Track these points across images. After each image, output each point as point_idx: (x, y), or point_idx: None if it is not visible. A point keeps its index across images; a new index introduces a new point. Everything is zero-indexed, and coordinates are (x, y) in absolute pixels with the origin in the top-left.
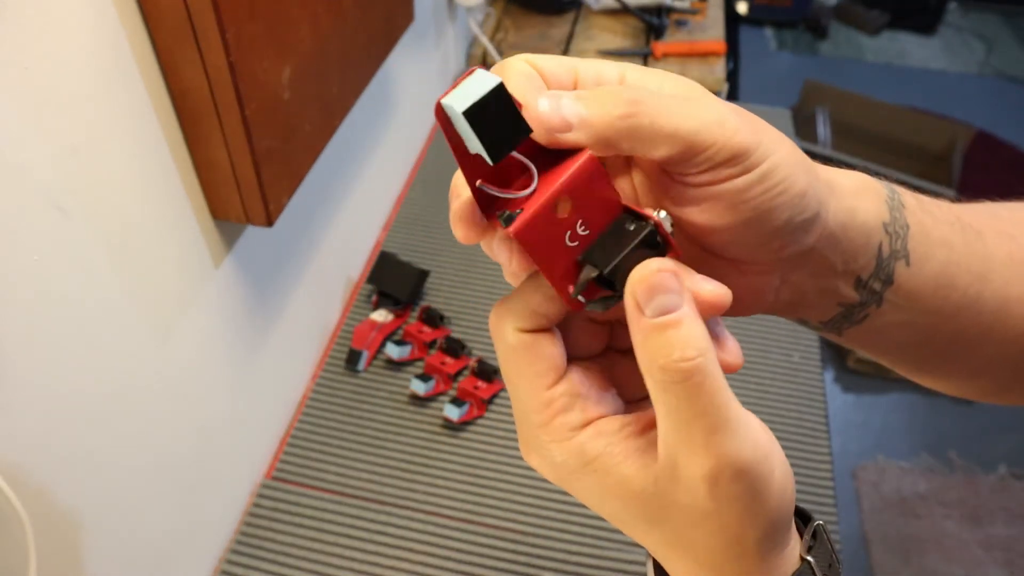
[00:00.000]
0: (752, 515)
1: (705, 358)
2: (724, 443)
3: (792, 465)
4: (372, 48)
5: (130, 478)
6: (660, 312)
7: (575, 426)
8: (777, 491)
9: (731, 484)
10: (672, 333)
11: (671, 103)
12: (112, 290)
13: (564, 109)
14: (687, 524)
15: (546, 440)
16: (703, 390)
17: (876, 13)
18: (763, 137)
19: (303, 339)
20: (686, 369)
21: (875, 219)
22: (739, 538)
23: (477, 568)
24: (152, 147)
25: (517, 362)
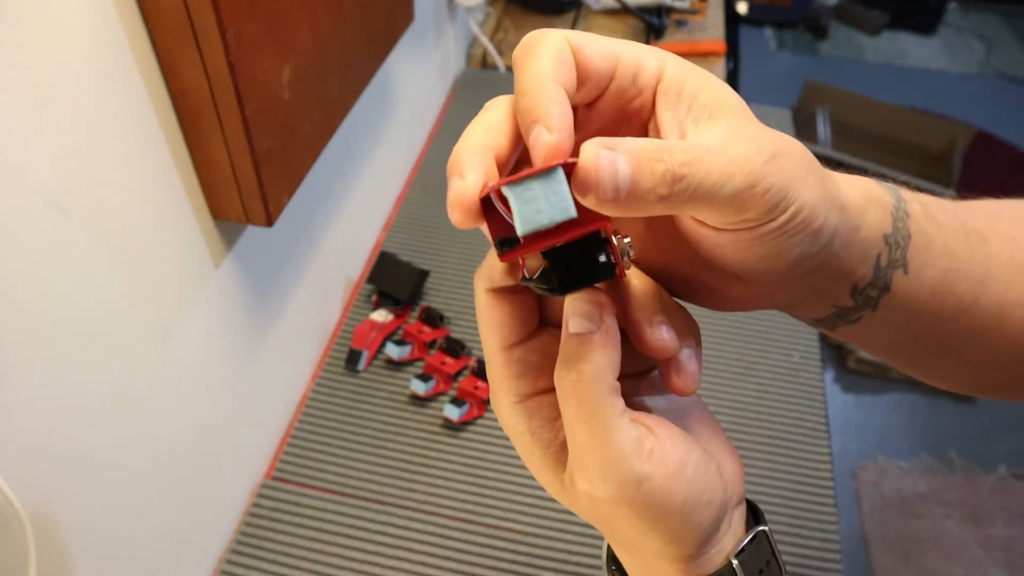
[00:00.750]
0: (644, 531)
1: (589, 384)
2: (599, 472)
3: (792, 465)
4: (372, 48)
5: (130, 478)
6: (576, 330)
7: (521, 394)
8: (677, 513)
9: (610, 507)
10: (576, 351)
11: (711, 166)
12: (112, 290)
13: (620, 175)
14: (591, 520)
15: (500, 397)
16: (584, 413)
17: (876, 13)
18: (791, 185)
19: (303, 339)
20: (570, 387)
21: (876, 233)
22: (635, 545)
23: (477, 568)
24: (152, 147)
25: (481, 316)
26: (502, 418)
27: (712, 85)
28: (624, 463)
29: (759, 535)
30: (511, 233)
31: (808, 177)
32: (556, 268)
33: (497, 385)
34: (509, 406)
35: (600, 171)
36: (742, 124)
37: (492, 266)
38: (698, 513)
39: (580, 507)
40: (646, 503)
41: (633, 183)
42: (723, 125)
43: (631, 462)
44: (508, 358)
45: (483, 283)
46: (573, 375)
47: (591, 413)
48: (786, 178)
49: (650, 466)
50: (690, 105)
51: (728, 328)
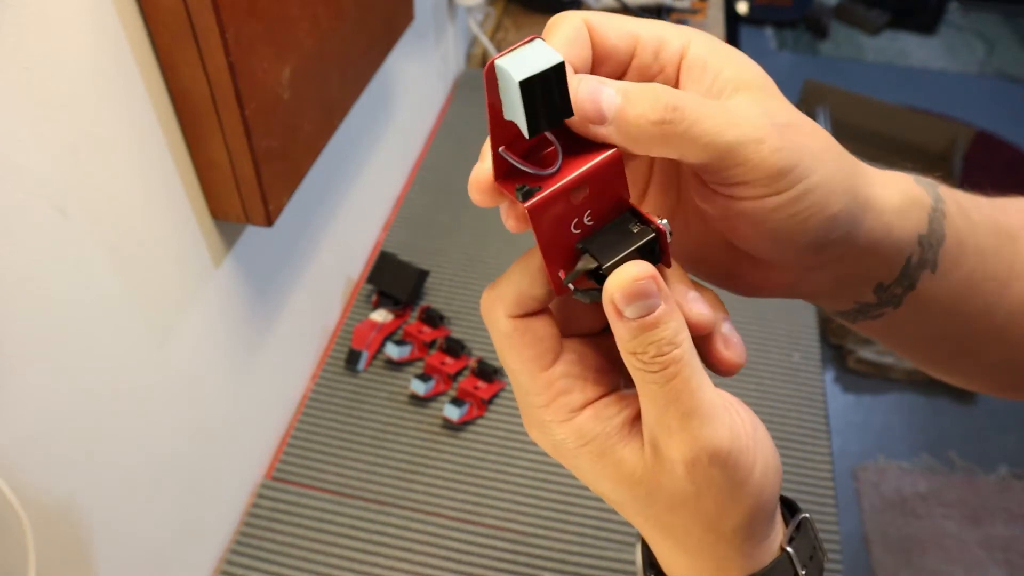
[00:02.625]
0: (730, 501)
1: (681, 350)
2: (699, 428)
3: (792, 465)
4: (372, 48)
5: (130, 478)
6: (638, 315)
7: (575, 407)
8: (757, 481)
9: (708, 468)
10: (649, 334)
11: (712, 113)
12: (112, 290)
13: (603, 100)
14: (669, 507)
15: (547, 420)
16: (678, 380)
17: (876, 13)
18: (804, 157)
19: (303, 339)
20: (661, 362)
21: (911, 234)
22: (716, 524)
23: (477, 568)
24: (152, 147)
25: (512, 348)
26: (555, 443)
27: (738, 61)
28: (719, 418)
29: (803, 522)
30: (531, 182)
31: (826, 158)
32: (592, 251)
33: (542, 412)
34: (561, 425)
35: (580, 90)
36: (765, 98)
37: (514, 290)
38: (772, 481)
39: (661, 496)
40: (738, 460)
41: (620, 110)
42: (744, 95)
43: (726, 417)
44: (550, 380)
45: (505, 308)
46: (657, 348)
47: (687, 376)
48: (798, 148)
49: (739, 422)
50: (714, 79)
51: None
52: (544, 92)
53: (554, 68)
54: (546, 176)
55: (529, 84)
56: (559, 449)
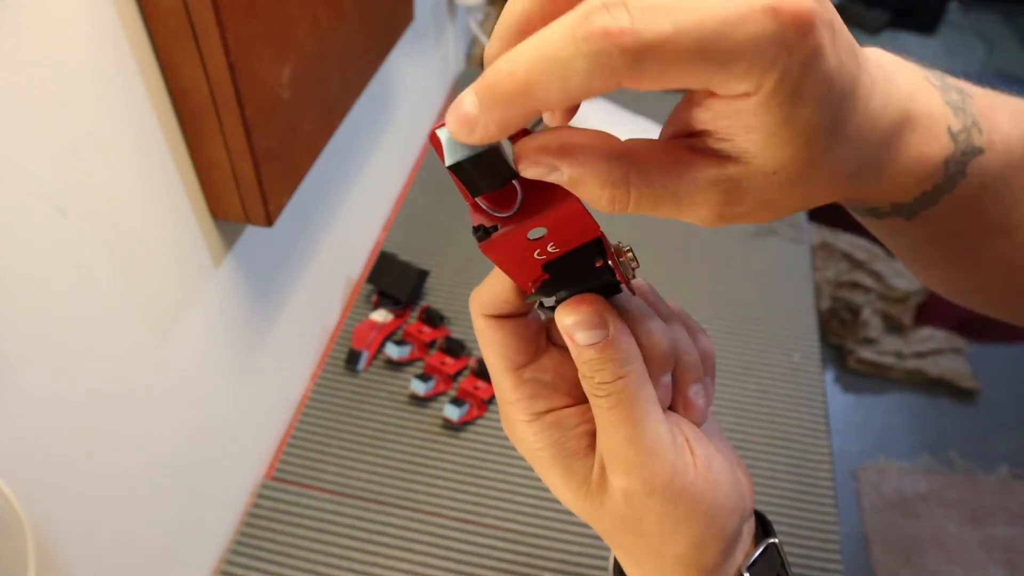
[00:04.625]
0: (671, 531)
1: (625, 381)
2: (636, 458)
3: (792, 465)
4: (372, 48)
5: (129, 478)
6: (586, 342)
7: (538, 411)
8: (704, 514)
9: (644, 498)
10: (595, 361)
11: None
12: (111, 290)
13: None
14: (614, 527)
15: (513, 417)
16: (619, 409)
17: (877, 13)
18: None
19: (303, 339)
20: (605, 389)
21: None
22: (659, 548)
23: (477, 568)
24: (152, 147)
25: (484, 343)
26: (518, 439)
27: None
28: (662, 450)
29: (769, 547)
30: (489, 220)
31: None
32: (553, 281)
33: (510, 406)
34: (524, 425)
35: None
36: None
37: (489, 292)
38: (722, 517)
39: (605, 513)
40: (678, 494)
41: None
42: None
43: (668, 451)
44: (518, 380)
45: (480, 308)
46: (602, 376)
47: (631, 403)
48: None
49: (684, 459)
50: None
51: (728, 328)
52: (480, 166)
53: (487, 151)
54: (503, 217)
55: (458, 167)
56: (523, 446)
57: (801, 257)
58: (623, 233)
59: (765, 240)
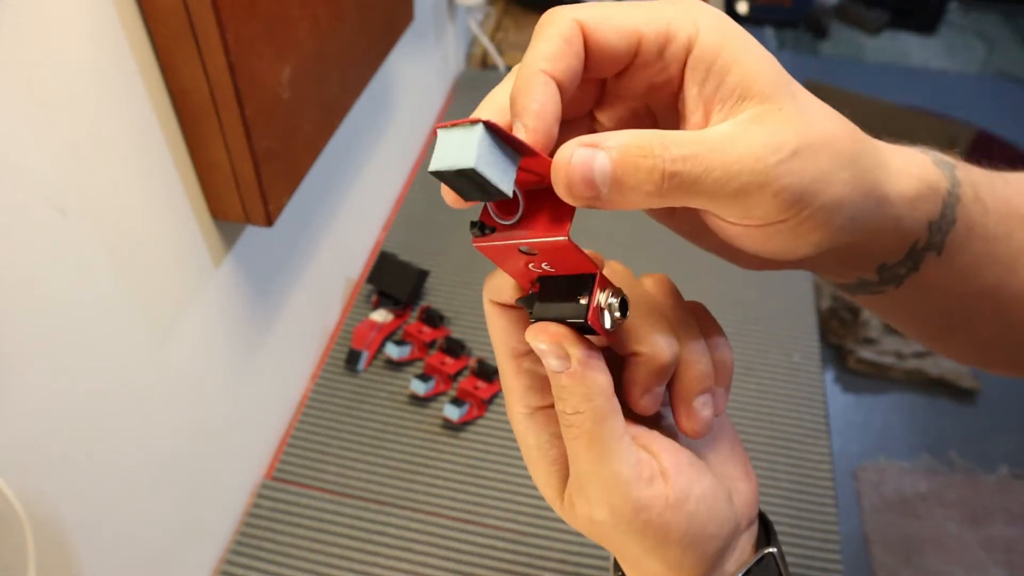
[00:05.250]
0: (642, 556)
1: (583, 417)
2: (598, 495)
3: (792, 465)
4: (372, 48)
5: (129, 478)
6: (553, 369)
7: (531, 406)
8: (677, 541)
9: (608, 530)
10: (563, 391)
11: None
12: (111, 290)
13: (596, 173)
14: (591, 535)
15: (512, 407)
16: (579, 442)
17: (877, 13)
18: (810, 184)
19: (303, 339)
20: (566, 420)
21: (921, 222)
22: (638, 563)
23: (477, 568)
24: (152, 147)
25: (489, 326)
26: (514, 426)
27: (747, 62)
28: (621, 488)
29: (766, 557)
30: (489, 221)
31: (838, 173)
32: (540, 294)
33: (509, 394)
34: (520, 416)
35: (571, 169)
36: (770, 112)
37: (496, 280)
38: (701, 544)
39: (579, 526)
40: (642, 530)
41: (615, 180)
42: (749, 111)
43: (628, 488)
44: (518, 367)
45: (488, 294)
46: (563, 406)
47: (588, 439)
48: (806, 178)
49: (649, 494)
50: (719, 84)
51: (728, 328)
52: (465, 180)
53: (467, 170)
54: (503, 223)
55: (440, 175)
56: (517, 433)
57: None
58: (623, 233)
59: None
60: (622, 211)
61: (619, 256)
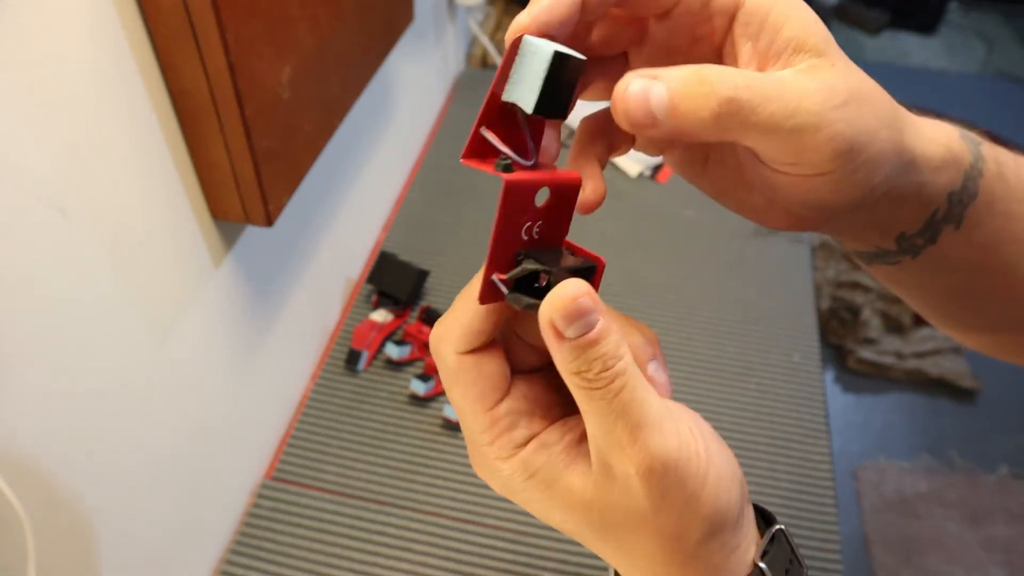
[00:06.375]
0: (687, 512)
1: (624, 362)
2: (649, 438)
3: (792, 465)
4: (372, 48)
5: (129, 478)
6: (579, 333)
7: (519, 443)
8: (712, 488)
9: (662, 479)
10: (592, 350)
11: (769, 98)
12: (111, 290)
13: (653, 101)
14: (627, 528)
15: (492, 457)
16: (625, 392)
17: (876, 13)
18: (859, 136)
19: (303, 339)
20: (607, 377)
21: (942, 191)
22: (679, 537)
23: (477, 568)
24: (152, 147)
25: (458, 385)
26: (504, 480)
27: (800, 16)
28: (668, 425)
29: (778, 534)
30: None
31: (881, 130)
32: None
33: (487, 450)
34: (503, 463)
35: (628, 97)
36: (824, 64)
37: (460, 325)
38: (726, 488)
39: (618, 510)
40: (687, 469)
41: (671, 107)
42: (805, 63)
43: (671, 426)
44: (495, 418)
45: (452, 345)
46: (595, 373)
47: (629, 392)
48: (855, 128)
49: (686, 431)
50: (773, 38)
51: (728, 328)
52: (560, 78)
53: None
54: (522, 165)
55: (559, 58)
56: (507, 486)
57: (801, 257)
58: (624, 233)
59: (765, 240)
60: (622, 211)
61: (618, 255)
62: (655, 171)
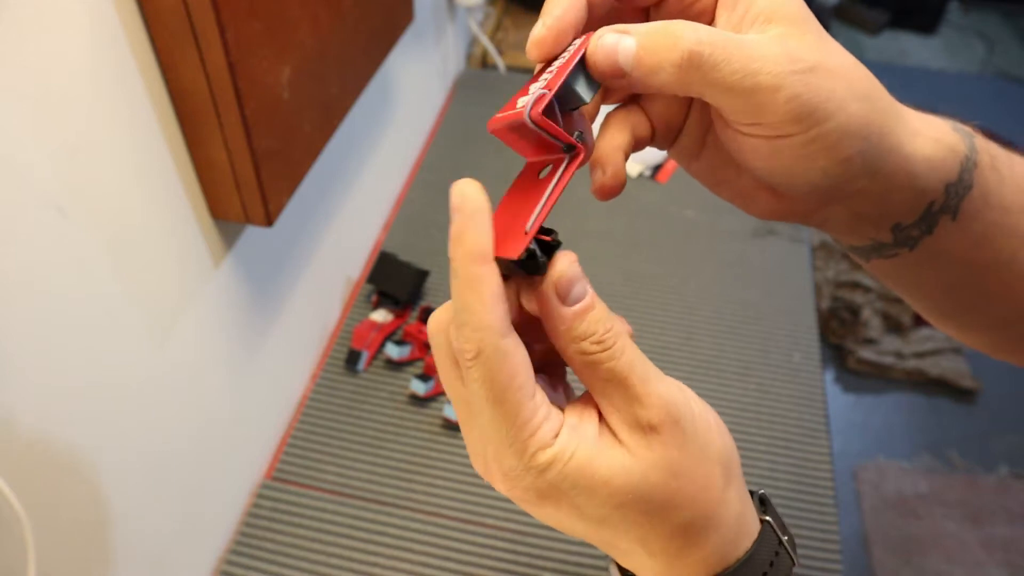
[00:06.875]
0: (705, 456)
1: (618, 327)
2: (658, 388)
3: (792, 465)
4: (372, 48)
5: (129, 478)
6: (578, 298)
7: (556, 431)
8: (716, 434)
9: (680, 423)
10: (592, 313)
11: (732, 57)
12: (111, 290)
13: (620, 54)
14: (668, 492)
15: (534, 448)
16: (629, 349)
17: (877, 12)
18: (822, 103)
19: (303, 339)
20: (613, 335)
21: (938, 182)
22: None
23: (477, 568)
24: (152, 147)
25: (505, 376)
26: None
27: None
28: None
29: (764, 497)
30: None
31: (851, 102)
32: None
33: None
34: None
35: (598, 49)
36: (794, 33)
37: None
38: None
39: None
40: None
41: (637, 59)
42: (775, 31)
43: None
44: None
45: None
46: (600, 335)
47: (632, 349)
48: (819, 95)
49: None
50: (747, 9)
51: (728, 328)
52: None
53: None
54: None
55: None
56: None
57: (801, 257)
58: (623, 233)
59: (765, 240)
60: (622, 211)
61: (617, 254)
62: (655, 171)
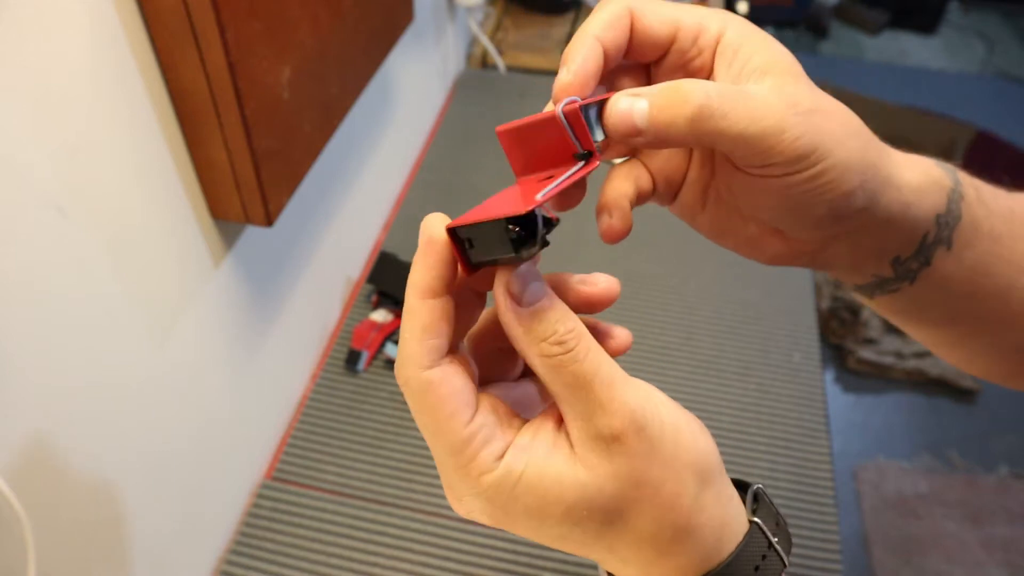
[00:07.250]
0: (678, 462)
1: (580, 326)
2: (624, 393)
3: (792, 465)
4: (372, 48)
5: (129, 478)
6: (532, 301)
7: (498, 455)
8: (688, 435)
9: (647, 429)
10: (549, 314)
11: (737, 107)
12: (111, 290)
13: (635, 115)
14: (629, 501)
15: (475, 476)
16: (592, 355)
17: (877, 12)
18: (824, 140)
19: (303, 339)
20: (575, 335)
21: (929, 212)
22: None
23: (477, 568)
24: (152, 147)
25: (427, 407)
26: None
27: (769, 48)
28: (631, 380)
29: (759, 493)
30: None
31: (848, 139)
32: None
33: (468, 469)
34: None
35: (613, 112)
36: (788, 83)
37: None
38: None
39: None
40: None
41: (651, 119)
42: (770, 81)
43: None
44: (472, 432)
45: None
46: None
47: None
48: (819, 133)
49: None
50: (744, 65)
51: (728, 328)
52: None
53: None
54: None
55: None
56: (495, 501)
57: None
58: None
59: None
60: None
61: (619, 255)
62: None
